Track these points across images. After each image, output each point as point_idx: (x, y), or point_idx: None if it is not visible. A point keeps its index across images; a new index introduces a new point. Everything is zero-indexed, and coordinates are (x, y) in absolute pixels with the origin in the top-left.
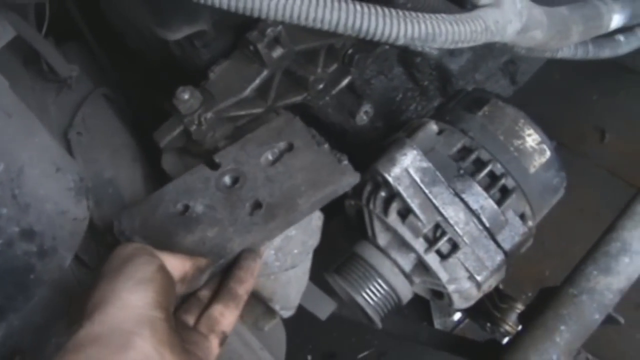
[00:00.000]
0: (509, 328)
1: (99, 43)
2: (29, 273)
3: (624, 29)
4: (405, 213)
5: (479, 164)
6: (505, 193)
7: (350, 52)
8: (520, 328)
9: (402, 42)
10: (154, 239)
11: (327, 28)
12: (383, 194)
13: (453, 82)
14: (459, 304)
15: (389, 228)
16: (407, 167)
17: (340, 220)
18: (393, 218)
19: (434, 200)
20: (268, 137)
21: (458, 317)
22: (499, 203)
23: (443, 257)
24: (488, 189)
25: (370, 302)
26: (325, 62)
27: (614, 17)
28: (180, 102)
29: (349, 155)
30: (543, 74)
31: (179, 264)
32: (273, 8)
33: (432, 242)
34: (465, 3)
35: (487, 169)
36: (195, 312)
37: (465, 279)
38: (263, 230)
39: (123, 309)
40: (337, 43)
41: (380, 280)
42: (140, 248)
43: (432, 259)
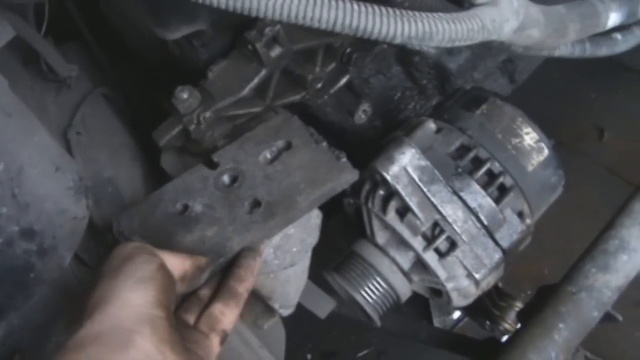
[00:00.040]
0: (509, 326)
1: (99, 43)
2: (29, 272)
3: (622, 28)
4: (404, 212)
5: (478, 163)
6: (504, 191)
7: (349, 51)
8: (520, 326)
9: (399, 41)
10: (154, 239)
11: (324, 27)
12: (382, 193)
13: (452, 81)
14: (458, 302)
15: (388, 227)
16: (405, 165)
17: (340, 219)
18: (392, 217)
19: (433, 199)
20: (266, 136)
21: (458, 315)
22: (497, 201)
23: (442, 255)
24: (486, 188)
25: (370, 300)
26: (324, 61)
27: (611, 15)
28: (180, 101)
29: (348, 154)
30: (542, 73)
31: (179, 263)
32: (271, 7)
33: (430, 240)
34: (463, 2)
35: (485, 168)
36: (196, 311)
37: (464, 277)
38: (263, 229)
39: (124, 308)
40: (335, 42)
41: (379, 279)
42: (141, 247)
43: (430, 258)
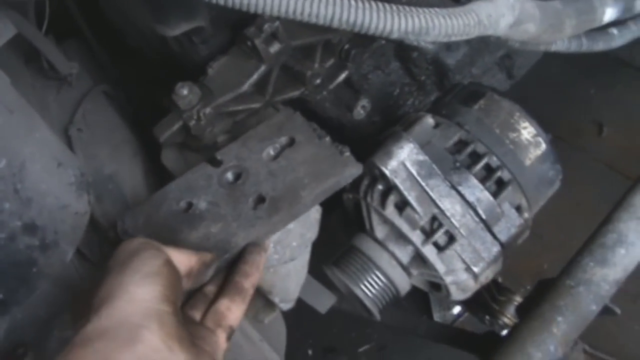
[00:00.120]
0: (508, 321)
1: (99, 41)
2: (32, 266)
3: (617, 23)
4: (402, 206)
5: (475, 157)
6: (501, 185)
7: (347, 47)
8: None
9: (396, 36)
10: (158, 237)
11: (322, 23)
12: (380, 187)
13: (450, 76)
14: (457, 296)
15: (387, 221)
16: (403, 160)
17: (339, 214)
18: (390, 211)
19: (431, 193)
20: (269, 132)
21: (457, 310)
22: (495, 195)
23: (440, 249)
24: (484, 182)
25: (369, 294)
26: (322, 57)
27: (607, 10)
28: (179, 97)
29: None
30: (541, 69)
31: (185, 259)
32: (269, 3)
33: (429, 234)
34: None
35: (483, 162)
36: (202, 307)
37: (462, 271)
38: (267, 224)
39: (130, 303)
40: (333, 38)
41: (379, 273)
42: (146, 242)
43: (429, 251)
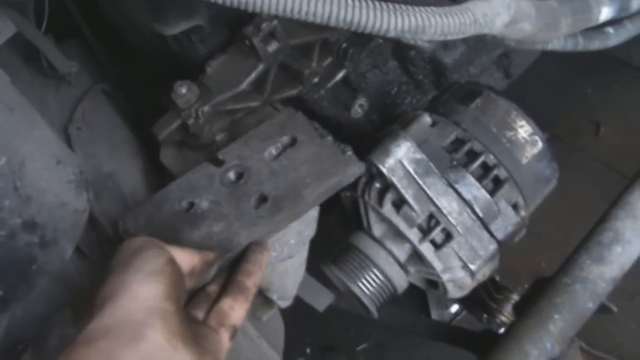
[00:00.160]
0: (505, 319)
1: (98, 40)
2: (31, 264)
3: (613, 22)
4: (400, 204)
5: (472, 155)
6: (498, 183)
7: (345, 46)
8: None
9: (392, 34)
10: (160, 236)
11: (319, 21)
12: (377, 185)
13: (447, 75)
14: (454, 293)
15: (384, 219)
16: (400, 158)
17: (337, 212)
18: (388, 209)
19: (428, 191)
20: (271, 132)
21: (455, 309)
22: (492, 193)
23: (437, 246)
24: (481, 180)
25: (366, 291)
26: (320, 56)
27: (603, 9)
28: (178, 96)
29: None
30: (538, 68)
31: (187, 258)
32: (267, 2)
33: (426, 232)
34: None
35: (479, 160)
36: (205, 306)
37: (459, 268)
38: (269, 223)
39: (133, 301)
40: (331, 37)
41: (376, 270)
42: (149, 241)
43: (426, 249)
